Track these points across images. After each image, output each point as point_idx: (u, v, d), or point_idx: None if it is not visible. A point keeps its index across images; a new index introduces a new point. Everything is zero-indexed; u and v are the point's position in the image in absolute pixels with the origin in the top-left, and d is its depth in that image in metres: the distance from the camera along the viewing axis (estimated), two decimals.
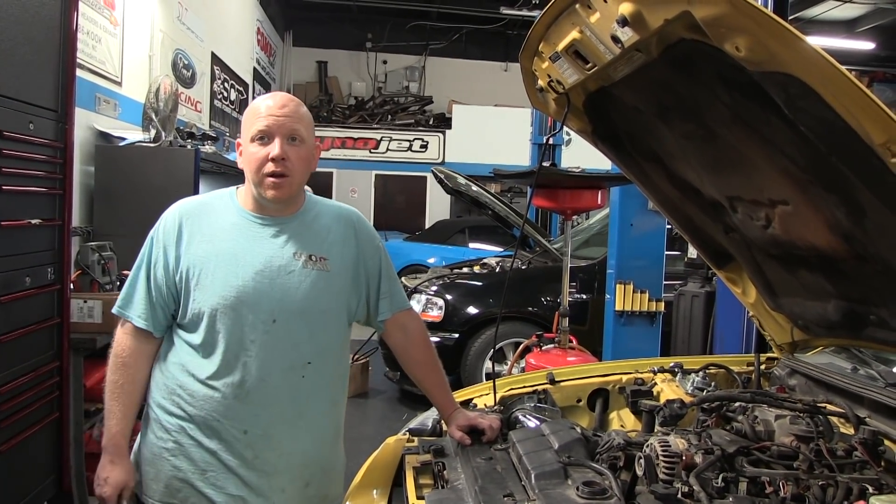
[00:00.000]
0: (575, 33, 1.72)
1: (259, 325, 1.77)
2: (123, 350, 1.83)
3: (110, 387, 1.81)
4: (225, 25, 9.65)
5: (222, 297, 1.76)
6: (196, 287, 1.78)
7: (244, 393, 1.77)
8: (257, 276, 1.78)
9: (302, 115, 1.83)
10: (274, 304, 1.78)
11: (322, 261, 1.86)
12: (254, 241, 1.82)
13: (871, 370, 2.17)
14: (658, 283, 5.03)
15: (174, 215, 1.86)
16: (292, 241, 1.84)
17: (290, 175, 1.78)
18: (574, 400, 2.46)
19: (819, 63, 1.21)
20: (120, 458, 1.78)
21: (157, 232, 1.85)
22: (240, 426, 1.77)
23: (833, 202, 1.60)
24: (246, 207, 1.87)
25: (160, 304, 1.82)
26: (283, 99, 1.83)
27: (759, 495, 1.52)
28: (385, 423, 5.50)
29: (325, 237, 1.90)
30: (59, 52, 3.19)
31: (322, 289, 1.85)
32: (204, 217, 1.85)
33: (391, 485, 1.91)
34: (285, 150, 1.76)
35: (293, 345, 1.81)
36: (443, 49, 16.06)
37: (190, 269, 1.79)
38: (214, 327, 1.77)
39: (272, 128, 1.77)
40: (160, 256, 1.81)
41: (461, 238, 11.30)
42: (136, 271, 1.85)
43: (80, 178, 4.68)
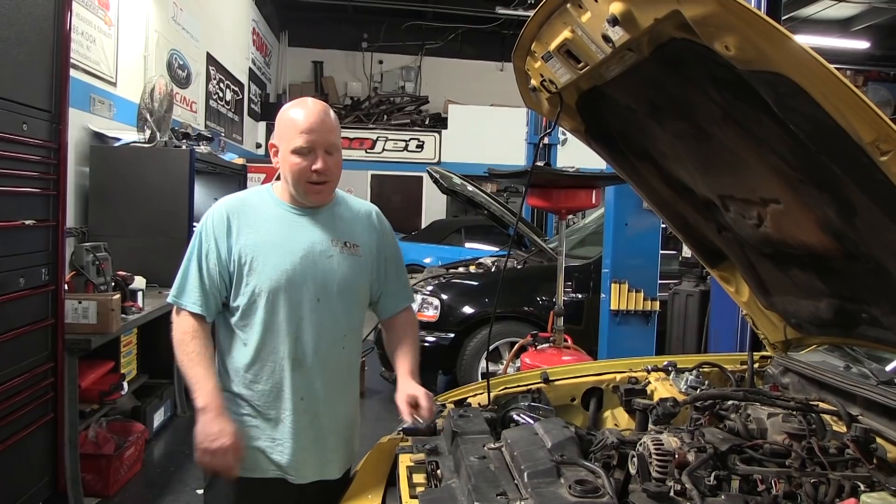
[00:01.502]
0: (567, 33, 1.72)
1: (307, 303, 1.99)
2: (188, 328, 2.00)
3: (188, 357, 1.96)
4: (220, 25, 9.64)
5: (275, 279, 1.96)
6: (249, 272, 1.98)
7: (299, 364, 1.99)
8: (303, 261, 1.99)
9: (335, 127, 2.02)
10: (318, 284, 2.00)
11: (354, 247, 2.08)
12: (296, 229, 2.03)
13: (863, 368, 2.18)
14: (653, 283, 5.04)
15: (221, 211, 2.04)
16: (329, 229, 2.06)
17: (330, 181, 2.02)
18: (568, 399, 2.47)
19: (808, 62, 1.22)
20: (223, 410, 1.92)
21: (206, 226, 2.03)
22: (297, 394, 1.99)
23: (824, 201, 1.60)
24: (284, 200, 2.07)
25: (212, 292, 2.01)
26: (320, 113, 1.99)
27: (752, 493, 1.53)
28: (381, 423, 5.49)
29: (354, 227, 2.12)
30: (53, 53, 3.19)
31: (355, 272, 2.07)
32: (249, 210, 2.04)
33: (385, 484, 1.91)
34: (327, 162, 1.97)
35: (334, 320, 2.03)
36: (439, 49, 16.06)
37: (242, 256, 1.98)
38: (270, 306, 1.97)
39: (315, 143, 1.96)
40: (212, 248, 2.00)
41: (457, 238, 11.30)
42: (188, 263, 2.02)
43: (75, 179, 4.67)
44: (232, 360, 2.03)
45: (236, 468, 1.91)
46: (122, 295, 3.84)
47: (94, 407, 3.87)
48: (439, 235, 11.45)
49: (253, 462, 1.98)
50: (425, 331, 5.90)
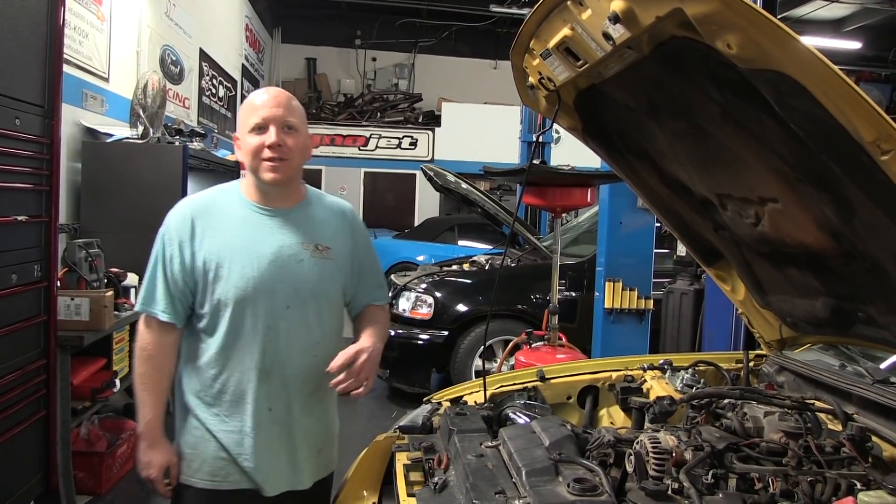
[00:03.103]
0: (566, 30, 1.72)
1: (276, 311, 1.91)
2: (148, 344, 1.93)
3: (139, 379, 1.94)
4: (213, 21, 9.59)
5: (241, 287, 1.88)
6: (215, 280, 1.89)
7: (266, 374, 1.91)
8: (271, 266, 1.91)
9: (295, 108, 1.96)
10: (288, 290, 1.92)
11: (326, 250, 1.99)
12: (264, 232, 1.94)
13: (858, 367, 2.18)
14: (647, 281, 5.06)
15: (184, 213, 1.95)
16: (299, 232, 1.97)
17: (287, 159, 1.91)
18: (564, 397, 2.47)
19: (810, 61, 1.22)
20: (158, 441, 1.93)
21: (169, 230, 1.95)
22: (265, 404, 1.91)
23: (822, 200, 1.60)
24: (251, 199, 1.98)
25: (179, 298, 1.93)
26: (277, 93, 1.96)
27: (749, 492, 1.53)
28: (374, 420, 5.49)
29: (326, 228, 2.03)
30: (46, 48, 3.16)
31: (327, 276, 1.99)
32: (213, 212, 1.95)
33: (381, 482, 1.91)
34: (281, 136, 1.89)
35: (306, 328, 1.95)
36: (432, 46, 16.03)
37: (207, 262, 1.90)
38: (236, 315, 1.89)
39: (268, 119, 1.89)
40: (175, 253, 1.91)
41: (450, 236, 11.29)
42: (153, 270, 1.95)
43: (67, 175, 4.64)
44: (198, 369, 1.95)
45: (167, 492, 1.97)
46: (114, 292, 3.81)
47: (87, 404, 3.85)
48: (432, 233, 11.43)
49: (222, 473, 1.92)
50: (419, 329, 5.90)
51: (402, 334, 5.86)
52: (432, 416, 2.19)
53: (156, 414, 1.93)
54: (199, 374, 1.94)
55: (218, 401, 1.93)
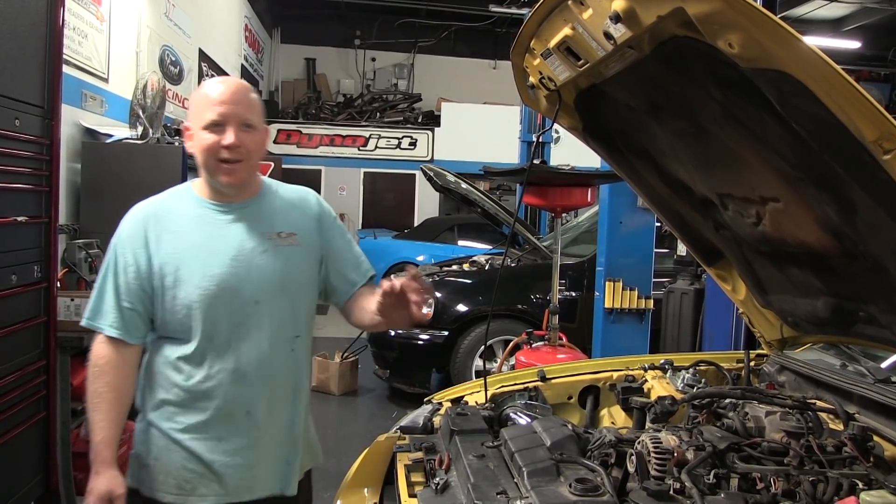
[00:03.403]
0: (567, 30, 1.72)
1: (243, 308, 1.79)
2: (99, 359, 1.80)
3: (91, 398, 1.79)
4: (212, 22, 9.60)
5: (203, 288, 1.77)
6: (175, 284, 1.78)
7: (241, 376, 1.79)
8: (233, 262, 1.79)
9: (253, 102, 1.83)
10: (254, 285, 1.80)
11: (290, 236, 1.88)
12: (221, 228, 1.83)
13: (859, 367, 2.18)
14: (647, 281, 5.05)
15: (136, 219, 1.85)
16: (259, 222, 1.86)
17: (243, 160, 1.79)
18: (565, 397, 2.46)
19: (813, 60, 1.21)
20: (104, 467, 1.75)
21: (121, 237, 1.84)
22: (243, 408, 1.80)
23: (824, 199, 1.60)
24: (204, 196, 1.87)
25: (132, 311, 1.80)
26: (236, 86, 1.82)
27: (751, 491, 1.53)
28: (374, 420, 5.49)
29: (288, 214, 1.92)
30: (45, 48, 3.16)
31: (296, 263, 1.88)
32: (166, 215, 1.84)
33: (382, 483, 1.90)
34: (240, 137, 1.76)
35: (279, 321, 1.84)
36: (432, 46, 16.04)
37: (164, 267, 1.78)
38: (200, 319, 1.77)
39: (226, 116, 1.76)
40: (129, 261, 1.80)
41: (450, 236, 11.28)
42: (102, 281, 1.82)
43: (67, 175, 4.63)
44: (167, 378, 1.81)
45: None
46: None
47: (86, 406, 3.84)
48: (432, 233, 11.43)
49: (188, 486, 1.79)
50: (419, 329, 5.89)
51: (401, 334, 5.86)
52: (433, 416, 2.19)
53: (105, 437, 1.76)
54: (169, 382, 1.81)
55: (190, 408, 1.79)
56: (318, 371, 6.27)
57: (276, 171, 9.12)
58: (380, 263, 11.01)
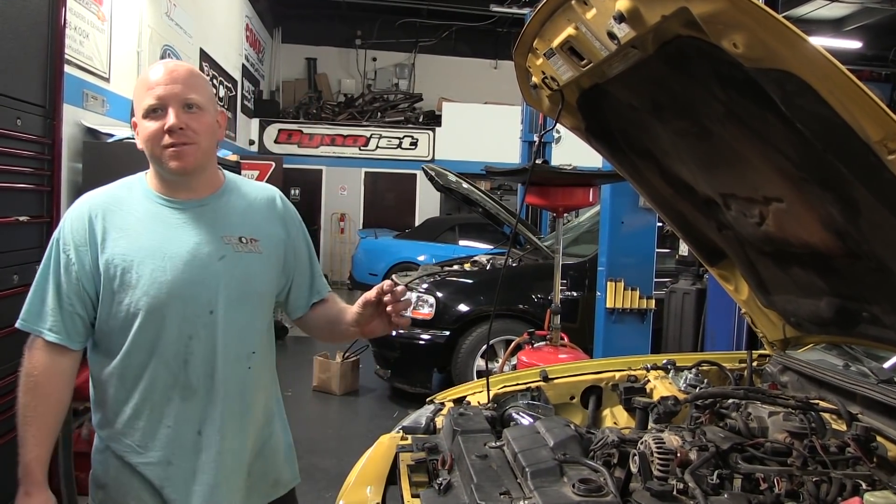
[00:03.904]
0: (570, 30, 1.71)
1: (196, 318, 1.64)
2: (34, 368, 1.62)
3: (22, 411, 1.62)
4: (213, 21, 9.60)
5: (152, 295, 1.61)
6: (120, 288, 1.61)
7: (191, 392, 1.65)
8: (187, 267, 1.63)
9: (195, 81, 1.67)
10: (210, 294, 1.65)
11: (252, 242, 1.72)
12: (176, 228, 1.66)
13: (862, 367, 2.18)
14: (649, 281, 5.05)
15: (81, 212, 1.66)
16: (218, 224, 1.70)
17: (192, 143, 1.63)
18: (567, 397, 2.46)
19: (817, 60, 1.21)
20: (35, 488, 1.62)
21: (63, 232, 1.65)
22: (193, 428, 1.66)
23: (828, 199, 1.60)
24: (158, 192, 1.70)
25: (74, 314, 1.63)
26: (174, 66, 1.67)
27: (754, 492, 1.53)
28: (375, 420, 5.49)
29: (251, 217, 1.76)
30: (47, 48, 3.16)
31: (257, 272, 1.73)
32: (116, 209, 1.67)
33: (385, 483, 1.90)
34: (182, 118, 1.61)
35: (236, 335, 1.69)
36: (433, 46, 16.04)
37: (109, 269, 1.61)
38: (149, 327, 1.61)
39: (164, 98, 1.61)
40: (72, 258, 1.63)
41: (451, 236, 11.30)
42: (42, 280, 1.65)
43: (68, 175, 4.63)
44: (107, 394, 1.66)
45: None
46: None
47: (87, 405, 3.84)
48: (433, 233, 11.44)
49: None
50: (420, 329, 5.89)
51: (403, 334, 5.86)
52: (435, 416, 2.19)
53: (37, 455, 1.61)
54: (109, 398, 1.66)
55: (132, 429, 1.65)
56: (319, 371, 6.28)
57: (278, 171, 9.14)
58: (381, 263, 11.03)
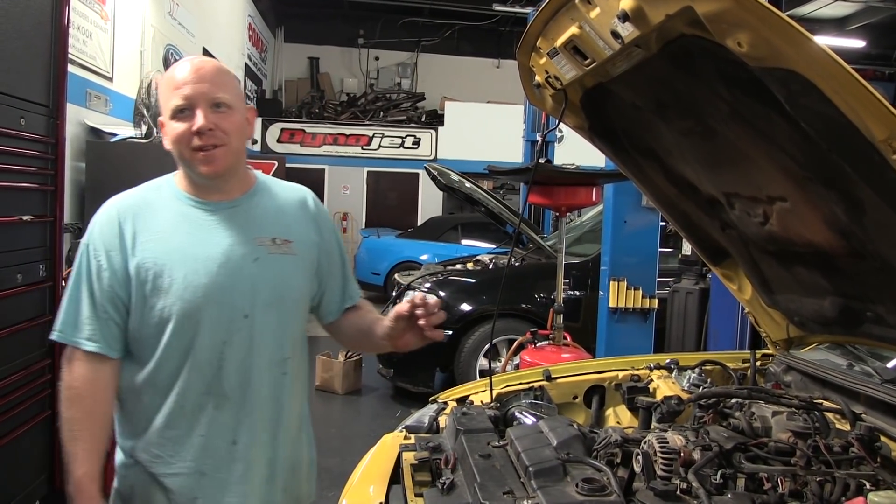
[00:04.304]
0: (574, 29, 1.71)
1: (230, 323, 1.59)
2: (74, 380, 1.57)
3: (67, 425, 1.56)
4: (216, 21, 9.60)
5: (188, 299, 1.55)
6: (153, 293, 1.56)
7: (225, 400, 1.59)
8: (221, 270, 1.58)
9: (224, 79, 1.61)
10: (244, 298, 1.59)
11: (286, 243, 1.67)
12: (208, 230, 1.61)
13: (866, 367, 2.17)
14: (652, 280, 5.04)
15: (110, 216, 1.62)
16: (250, 225, 1.64)
17: (222, 144, 1.57)
18: (570, 397, 2.46)
19: (822, 59, 1.21)
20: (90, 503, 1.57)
21: (93, 237, 1.61)
22: (227, 437, 1.60)
23: (832, 199, 1.60)
24: (189, 193, 1.65)
25: (109, 321, 1.58)
26: (200, 63, 1.60)
27: (758, 491, 1.52)
28: (378, 420, 5.49)
29: (283, 218, 1.71)
30: (51, 47, 3.16)
31: (291, 275, 1.67)
32: (145, 212, 1.62)
33: (388, 482, 1.90)
34: (211, 119, 1.55)
35: (270, 340, 1.64)
36: (435, 45, 16.05)
37: (141, 273, 1.56)
38: (183, 332, 1.56)
39: (192, 98, 1.55)
40: (103, 265, 1.57)
41: (454, 235, 11.29)
42: (76, 289, 1.59)
43: (71, 175, 4.64)
44: (138, 403, 1.61)
45: None
46: None
47: None
48: (436, 232, 11.43)
49: None
50: None
51: None
52: (438, 415, 2.19)
53: (88, 470, 1.55)
54: (140, 407, 1.61)
55: (164, 438, 1.59)
56: (321, 370, 6.28)
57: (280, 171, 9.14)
58: (383, 262, 11.03)
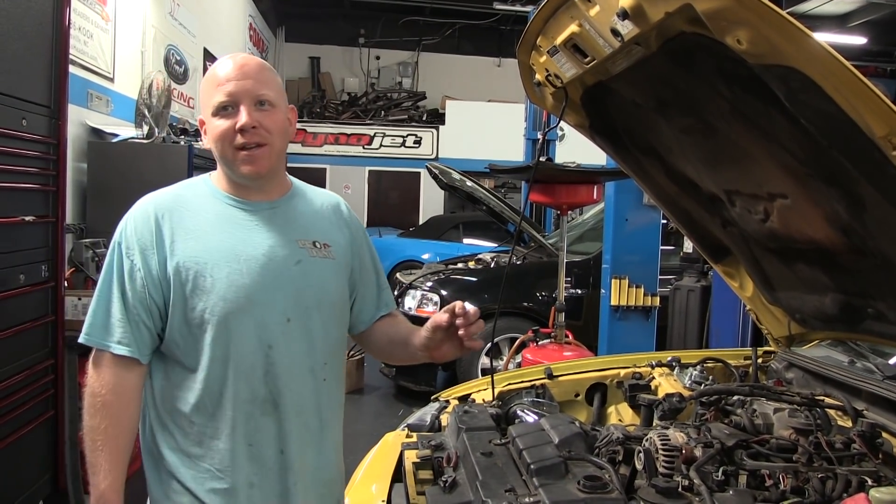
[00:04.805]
0: (574, 27, 1.71)
1: (274, 326, 1.52)
2: (101, 387, 1.47)
3: (90, 434, 1.47)
4: (217, 21, 9.61)
5: (231, 300, 1.49)
6: (193, 293, 1.49)
7: (273, 407, 1.52)
8: (263, 271, 1.52)
9: (268, 76, 1.57)
10: (287, 300, 1.54)
11: (326, 247, 1.62)
12: (249, 230, 1.56)
13: (868, 363, 2.17)
14: (653, 278, 5.04)
15: (146, 213, 1.56)
16: (291, 227, 1.60)
17: (266, 143, 1.53)
18: (572, 394, 2.46)
19: (821, 56, 1.21)
20: None
21: (126, 235, 1.54)
22: (275, 446, 1.53)
23: (832, 196, 1.60)
24: (228, 192, 1.60)
25: (142, 324, 1.50)
26: (244, 60, 1.56)
27: (759, 488, 1.53)
28: (381, 419, 5.50)
29: (321, 222, 1.67)
30: (52, 48, 3.17)
31: (331, 279, 1.62)
32: (183, 210, 1.56)
33: (391, 480, 1.90)
34: (255, 116, 1.51)
35: (310, 344, 1.57)
36: (436, 45, 16.02)
37: (181, 272, 1.49)
38: (225, 335, 1.49)
39: (235, 95, 1.51)
40: (137, 264, 1.51)
41: (455, 234, 11.29)
42: (106, 289, 1.51)
43: (73, 175, 4.65)
44: (176, 413, 1.52)
45: None
46: None
47: None
48: (437, 231, 11.43)
49: None
50: None
51: None
52: (440, 414, 2.19)
53: (112, 482, 1.46)
54: (178, 418, 1.52)
55: (208, 451, 1.50)
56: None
57: None
58: (385, 261, 11.01)
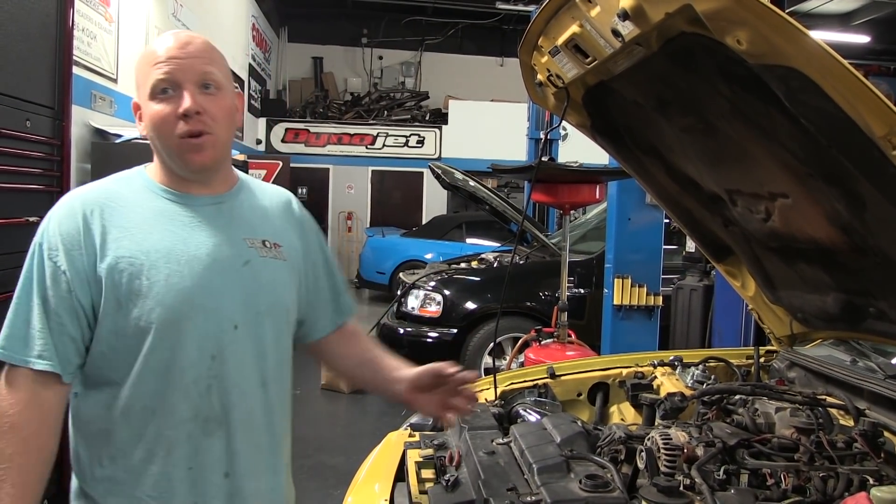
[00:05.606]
0: (575, 27, 1.72)
1: (221, 334, 1.35)
2: (10, 407, 1.25)
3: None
4: (219, 22, 9.63)
5: (168, 305, 1.31)
6: (128, 298, 1.30)
7: (217, 424, 1.35)
8: (207, 273, 1.34)
9: (214, 55, 1.39)
10: (235, 305, 1.37)
11: (276, 247, 1.45)
12: (191, 228, 1.37)
13: (869, 362, 2.17)
14: (656, 278, 5.04)
15: (72, 209, 1.34)
16: (237, 224, 1.43)
17: (212, 132, 1.35)
18: (574, 394, 2.47)
19: (821, 56, 1.22)
20: None
21: (48, 236, 1.33)
22: (220, 469, 1.36)
23: (833, 195, 1.60)
24: (166, 185, 1.40)
25: (65, 335, 1.30)
26: (187, 36, 1.38)
27: (761, 487, 1.53)
28: (383, 419, 5.49)
29: (270, 220, 1.50)
30: (56, 49, 3.19)
31: (283, 282, 1.46)
32: (115, 206, 1.36)
33: (393, 479, 1.91)
34: (199, 101, 1.32)
35: (260, 354, 1.41)
36: (438, 44, 16.05)
37: (114, 275, 1.30)
38: (164, 345, 1.31)
39: (176, 74, 1.32)
40: (60, 267, 1.31)
41: (458, 233, 11.31)
42: (24, 295, 1.31)
43: (77, 176, 4.66)
44: (106, 435, 1.32)
45: None
46: None
47: None
48: (440, 231, 11.45)
49: None
50: (428, 327, 5.90)
51: (410, 332, 5.87)
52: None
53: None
54: (108, 441, 1.32)
55: (144, 475, 1.32)
56: (327, 369, 6.29)
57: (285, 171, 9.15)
58: (388, 261, 11.05)
